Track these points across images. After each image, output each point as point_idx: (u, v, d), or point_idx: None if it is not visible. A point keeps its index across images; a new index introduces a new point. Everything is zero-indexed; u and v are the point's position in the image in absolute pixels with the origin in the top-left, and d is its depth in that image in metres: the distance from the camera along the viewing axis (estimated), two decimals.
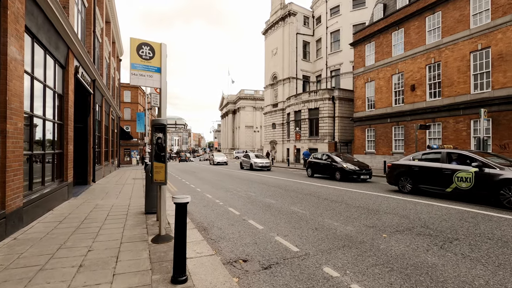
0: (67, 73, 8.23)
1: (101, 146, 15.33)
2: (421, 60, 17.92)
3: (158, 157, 4.34)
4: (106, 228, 5.09)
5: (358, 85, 23.20)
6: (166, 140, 4.36)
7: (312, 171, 15.44)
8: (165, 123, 4.33)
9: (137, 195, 9.18)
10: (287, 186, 11.51)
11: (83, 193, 9.64)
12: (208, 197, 9.22)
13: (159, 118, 4.39)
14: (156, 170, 4.34)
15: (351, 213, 6.37)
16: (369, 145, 22.23)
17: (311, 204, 7.52)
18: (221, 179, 15.03)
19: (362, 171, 12.59)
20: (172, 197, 3.11)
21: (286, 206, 7.28)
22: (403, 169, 8.97)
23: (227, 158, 36.03)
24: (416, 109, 18.10)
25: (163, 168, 4.32)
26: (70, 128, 8.47)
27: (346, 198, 8.35)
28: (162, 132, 4.34)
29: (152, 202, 6.40)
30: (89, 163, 11.80)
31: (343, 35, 32.12)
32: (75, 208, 7.02)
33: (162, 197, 4.45)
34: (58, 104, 7.93)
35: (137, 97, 44.78)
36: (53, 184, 7.28)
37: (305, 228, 5.23)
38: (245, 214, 6.57)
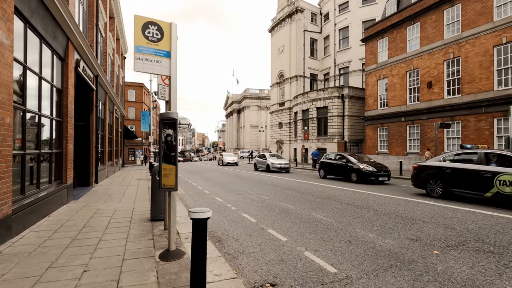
0: (66, 66, 7.58)
1: (105, 146, 14.73)
2: (438, 55, 17.04)
3: (167, 157, 3.65)
4: (106, 239, 4.41)
5: (369, 83, 22.35)
6: (177, 138, 3.66)
7: (324, 172, 14.67)
8: (176, 117, 3.63)
9: (141, 198, 8.52)
10: (302, 188, 10.77)
11: (84, 195, 9.00)
12: (218, 200, 8.53)
13: (168, 112, 3.69)
14: (164, 173, 3.64)
15: (383, 221, 5.62)
16: (382, 145, 21.37)
17: (334, 210, 6.77)
18: (229, 180, 14.33)
19: (380, 172, 11.80)
20: (189, 211, 2.41)
21: (307, 212, 6.55)
22: (432, 171, 8.17)
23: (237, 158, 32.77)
24: (433, 107, 17.22)
25: (174, 171, 3.63)
26: (70, 126, 7.83)
27: (371, 203, 7.58)
28: (172, 128, 3.65)
29: (159, 208, 5.73)
30: (91, 163, 11.19)
31: (352, 32, 31.25)
32: (74, 213, 6.37)
33: (172, 206, 3.75)
34: (57, 100, 7.29)
35: (142, 96, 44.33)
36: (51, 187, 6.64)
37: (336, 240, 4.49)
38: (262, 221, 5.86)
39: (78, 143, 10.84)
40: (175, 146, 3.65)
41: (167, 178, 3.63)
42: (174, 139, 3.65)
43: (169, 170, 3.63)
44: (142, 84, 44.65)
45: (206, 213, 2.31)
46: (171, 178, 3.63)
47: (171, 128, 3.65)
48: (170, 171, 3.63)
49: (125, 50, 26.82)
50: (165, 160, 3.64)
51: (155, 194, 5.71)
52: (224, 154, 32.49)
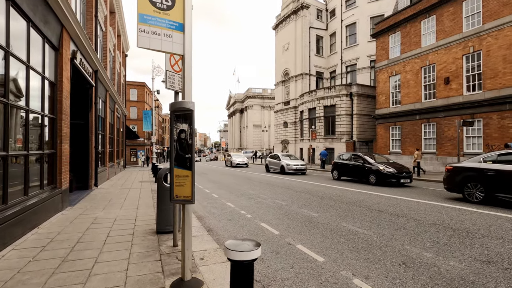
0: (61, 57, 6.77)
1: (105, 146, 13.93)
2: (456, 49, 16.12)
3: (180, 160, 2.80)
4: (103, 261, 3.58)
5: (381, 80, 21.44)
6: (193, 135, 2.81)
7: (338, 174, 13.79)
8: (192, 107, 2.79)
9: (145, 203, 7.69)
10: (318, 192, 9.90)
11: (82, 200, 8.19)
12: (229, 206, 7.69)
13: (181, 101, 2.85)
14: (177, 180, 2.79)
15: (433, 235, 4.75)
16: (394, 144, 20.46)
17: (366, 219, 5.91)
18: (237, 182, 13.49)
19: (401, 174, 10.92)
20: (226, 247, 1.55)
21: (335, 222, 5.69)
22: (471, 173, 7.29)
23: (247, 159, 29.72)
24: (451, 104, 16.30)
25: (189, 178, 2.78)
26: (65, 124, 7.01)
27: (405, 209, 6.71)
28: (188, 121, 2.80)
29: (166, 218, 4.90)
30: (90, 164, 10.37)
31: (360, 28, 30.33)
32: (68, 223, 5.54)
33: (187, 223, 2.90)
34: (50, 94, 6.48)
35: (144, 96, 43.59)
36: (42, 193, 5.81)
37: (386, 261, 3.64)
38: (287, 233, 5.01)
39: (76, 143, 10.04)
40: (191, 145, 2.81)
41: (181, 188, 2.78)
42: (190, 137, 2.80)
43: (183, 176, 2.79)
44: (144, 84, 43.92)
45: (253, 252, 1.46)
46: (186, 187, 2.78)
47: (185, 122, 2.80)
48: (185, 178, 2.78)
49: (126, 48, 26.05)
50: (178, 164, 2.80)
51: (161, 202, 4.88)
52: (232, 154, 29.95)
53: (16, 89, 4.86)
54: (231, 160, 28.01)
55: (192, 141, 2.80)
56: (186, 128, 2.80)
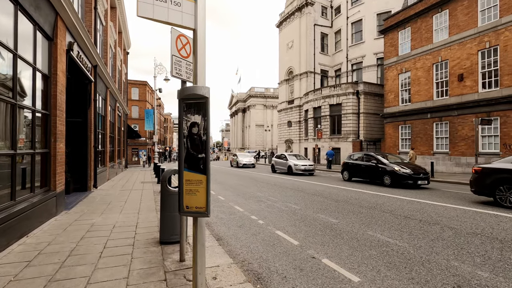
0: (55, 48, 6.19)
1: (105, 145, 13.38)
2: (471, 45, 15.44)
3: (192, 161, 2.21)
4: (97, 281, 3.00)
5: (389, 77, 20.78)
6: (208, 129, 2.22)
7: (349, 174, 13.16)
8: (207, 94, 2.19)
9: (147, 206, 7.11)
10: (332, 194, 9.29)
11: (80, 203, 7.62)
12: (238, 210, 7.10)
13: (193, 86, 2.25)
14: (188, 187, 2.20)
15: (479, 248, 4.13)
16: (404, 143, 19.80)
17: (394, 226, 5.30)
18: (243, 183, 12.90)
19: (418, 175, 10.28)
20: None
21: (360, 230, 5.08)
22: (504, 174, 6.66)
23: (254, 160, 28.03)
24: (465, 102, 15.63)
25: (204, 184, 2.19)
26: (60, 121, 6.44)
27: (434, 215, 6.09)
28: (201, 112, 2.21)
29: (171, 226, 4.31)
30: (89, 165, 9.81)
31: (366, 25, 29.64)
32: (61, 231, 4.96)
33: (200, 241, 2.30)
34: (42, 88, 5.91)
35: (145, 95, 43.09)
36: (33, 197, 5.24)
37: (437, 283, 3.03)
38: (307, 243, 4.41)
39: (74, 142, 9.49)
40: (205, 142, 2.21)
41: (192, 196, 2.19)
42: (205, 131, 2.21)
43: (195, 182, 2.19)
44: (145, 82, 43.42)
45: None
46: (199, 195, 2.19)
47: (198, 112, 2.21)
48: (198, 184, 2.19)
49: (128, 45, 25.52)
50: (189, 166, 2.20)
51: (165, 208, 4.29)
52: (238, 154, 28.38)
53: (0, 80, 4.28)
54: (237, 161, 26.61)
55: (207, 137, 2.20)
56: (199, 121, 2.21)
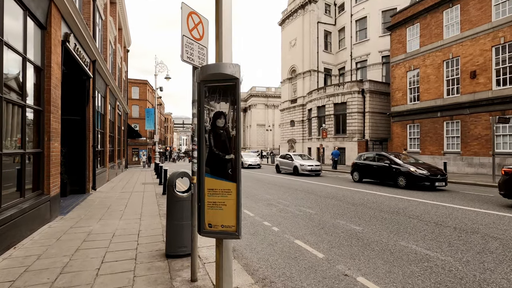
0: (49, 37, 5.64)
1: (105, 145, 12.83)
2: (484, 41, 14.87)
3: (217, 164, 1.66)
4: None
5: (397, 75, 20.22)
6: (239, 121, 1.66)
7: (359, 175, 12.60)
8: (237, 74, 1.63)
9: (149, 211, 6.56)
10: (346, 197, 8.73)
11: (77, 207, 7.07)
12: (248, 214, 6.54)
13: (219, 64, 1.68)
14: (212, 198, 1.65)
15: None
16: (412, 143, 19.24)
17: (427, 235, 4.74)
18: (250, 185, 12.34)
19: (436, 176, 9.71)
20: None
21: (390, 239, 4.52)
22: None
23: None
24: (477, 100, 15.06)
25: (233, 194, 1.64)
26: (55, 118, 5.89)
27: (468, 222, 5.52)
28: (229, 99, 1.65)
29: (178, 237, 3.76)
30: (87, 165, 9.26)
31: (371, 22, 29.07)
32: (54, 240, 4.41)
33: (227, 270, 1.74)
34: (35, 81, 5.36)
35: (146, 94, 42.53)
36: (23, 202, 4.69)
37: None
38: (334, 256, 3.85)
39: (72, 141, 8.95)
40: (235, 139, 1.65)
41: (217, 211, 1.64)
42: (234, 125, 1.65)
43: (221, 192, 1.64)
44: (146, 81, 42.87)
45: None
46: (226, 210, 1.63)
47: (225, 99, 1.66)
48: (225, 194, 1.64)
49: (128, 43, 24.97)
50: (212, 171, 1.65)
51: (172, 216, 3.74)
52: (243, 154, 27.21)
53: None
54: (242, 161, 25.52)
55: (238, 133, 1.64)
56: (226, 110, 1.66)
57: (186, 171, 3.90)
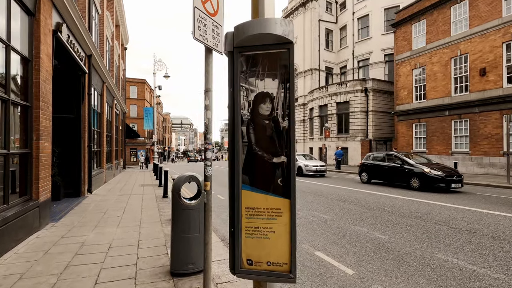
0: (37, 25, 5.07)
1: (102, 145, 12.23)
2: (495, 37, 14.41)
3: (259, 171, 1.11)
4: None
5: (402, 73, 19.74)
6: (293, 107, 1.10)
7: (368, 176, 12.08)
8: (290, 36, 1.07)
9: (149, 216, 6.00)
10: (359, 199, 8.20)
11: (70, 212, 6.50)
12: None
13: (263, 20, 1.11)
14: (253, 222, 1.12)
15: None
16: (418, 143, 18.77)
17: (465, 246, 4.21)
18: None
19: (452, 177, 9.21)
20: None
21: (425, 251, 4.00)
22: None
23: None
24: (487, 98, 14.59)
25: (286, 216, 1.08)
26: (45, 115, 5.32)
27: (506, 231, 5.01)
28: (279, 75, 1.09)
29: (186, 252, 3.21)
30: (82, 167, 8.68)
31: (373, 20, 28.61)
32: (41, 254, 3.85)
33: None
34: (21, 73, 4.79)
35: (144, 93, 41.87)
36: (8, 210, 4.13)
37: None
38: (365, 272, 3.33)
39: (66, 141, 8.38)
40: (287, 133, 1.09)
41: (261, 241, 1.08)
42: (285, 112, 1.09)
43: (267, 213, 1.09)
44: (144, 81, 42.20)
45: None
46: (275, 239, 1.08)
47: (273, 74, 1.09)
48: (273, 216, 1.09)
49: (126, 40, 24.37)
50: (252, 181, 1.09)
51: (178, 227, 3.20)
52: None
53: None
54: None
55: (291, 124, 1.09)
56: (274, 91, 1.11)
57: (194, 175, 3.35)
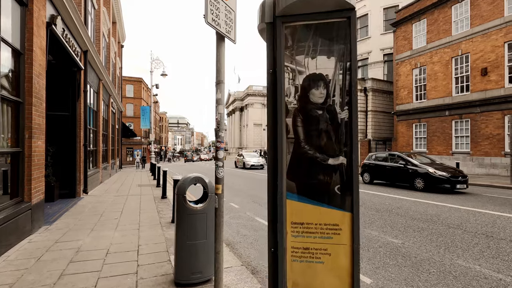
0: (30, 16, 4.76)
1: (98, 144, 11.90)
2: (496, 36, 14.32)
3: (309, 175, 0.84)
4: None
5: (402, 72, 19.62)
6: (354, 91, 0.84)
7: (370, 177, 11.90)
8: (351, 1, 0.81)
9: (148, 218, 5.72)
10: (364, 200, 7.89)
11: (65, 214, 6.19)
12: (262, 223, 5.75)
13: None
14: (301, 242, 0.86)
15: None
16: (418, 143, 18.66)
17: (486, 252, 3.99)
18: (252, 186, 11.57)
19: (457, 178, 9.05)
20: None
21: (443, 257, 3.78)
22: None
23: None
24: (489, 98, 14.51)
25: (346, 236, 0.82)
26: (38, 112, 5.02)
27: None
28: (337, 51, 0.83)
29: (192, 260, 2.95)
30: (78, 166, 8.36)
31: (372, 20, 28.49)
32: (33, 261, 3.56)
33: None
34: (12, 67, 4.50)
35: (141, 92, 41.39)
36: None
37: None
38: (383, 281, 3.11)
39: (60, 140, 8.07)
40: (347, 127, 0.83)
41: (312, 266, 0.83)
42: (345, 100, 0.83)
43: (320, 230, 0.84)
44: (141, 79, 41.71)
45: None
46: (331, 264, 0.83)
47: (328, 51, 0.84)
48: (328, 234, 0.84)
49: (122, 38, 23.95)
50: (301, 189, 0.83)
51: (183, 233, 2.94)
52: (245, 154, 25.70)
53: None
54: (243, 161, 23.90)
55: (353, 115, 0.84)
56: (330, 72, 0.85)
57: (200, 176, 3.10)
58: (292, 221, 0.91)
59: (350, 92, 0.90)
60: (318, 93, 0.89)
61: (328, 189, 0.88)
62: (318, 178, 0.87)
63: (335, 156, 0.87)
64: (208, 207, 3.03)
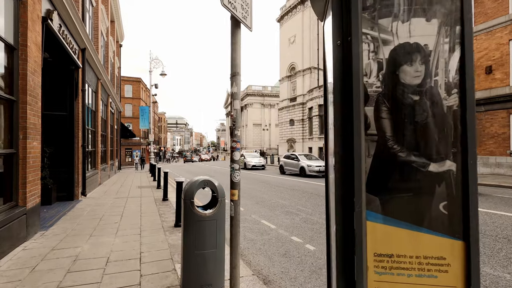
0: (24, 9, 4.49)
1: (97, 145, 11.62)
2: (501, 34, 14.12)
3: (402, 187, 0.57)
4: None
5: None
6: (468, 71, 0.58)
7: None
8: None
9: (150, 222, 5.46)
10: None
11: (63, 219, 5.92)
12: (268, 227, 5.50)
13: None
14: (390, 282, 0.55)
15: None
16: None
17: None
18: (257, 188, 11.30)
19: None
20: None
21: None
22: None
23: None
24: (494, 97, 14.30)
25: (458, 276, 0.55)
26: (33, 111, 4.75)
27: None
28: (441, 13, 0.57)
29: (201, 271, 2.70)
30: (76, 168, 8.08)
31: None
32: (27, 272, 3.29)
33: None
34: (6, 63, 4.22)
35: (139, 92, 41.06)
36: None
37: None
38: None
39: (58, 140, 7.80)
40: (457, 119, 0.57)
41: None
42: (452, 82, 0.57)
43: (418, 264, 0.61)
44: (139, 79, 41.40)
45: None
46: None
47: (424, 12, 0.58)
48: (430, 272, 0.59)
49: (121, 37, 23.66)
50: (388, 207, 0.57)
51: (191, 242, 2.68)
52: (246, 154, 25.33)
53: None
54: (245, 162, 23.29)
55: (468, 101, 0.58)
56: (430, 41, 0.61)
57: (209, 179, 2.85)
58: (375, 252, 0.64)
59: (464, 69, 0.64)
60: (413, 71, 0.63)
61: (429, 207, 0.62)
62: (414, 192, 0.61)
63: (439, 160, 0.61)
64: (218, 213, 2.77)
